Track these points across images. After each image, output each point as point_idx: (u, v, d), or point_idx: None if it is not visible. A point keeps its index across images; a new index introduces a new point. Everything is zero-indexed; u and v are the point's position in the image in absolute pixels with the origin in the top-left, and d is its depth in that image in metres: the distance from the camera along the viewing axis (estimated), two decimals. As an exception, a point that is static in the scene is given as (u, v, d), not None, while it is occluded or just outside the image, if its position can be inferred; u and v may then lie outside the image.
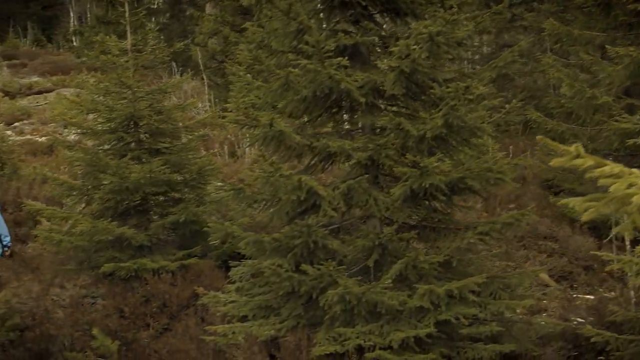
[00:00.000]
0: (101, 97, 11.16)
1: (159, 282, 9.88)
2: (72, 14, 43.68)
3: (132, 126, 10.94)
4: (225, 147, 18.20)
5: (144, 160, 10.79)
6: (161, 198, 11.08)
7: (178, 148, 10.84)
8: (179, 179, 10.66)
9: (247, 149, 18.12)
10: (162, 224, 10.49)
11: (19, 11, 46.98)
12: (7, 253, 10.46)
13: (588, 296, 10.96)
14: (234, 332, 8.14)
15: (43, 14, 47.93)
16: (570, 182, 14.67)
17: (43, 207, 10.94)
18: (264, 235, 8.16)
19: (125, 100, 10.87)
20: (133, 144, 11.08)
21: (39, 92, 28.85)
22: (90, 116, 11.88)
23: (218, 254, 10.80)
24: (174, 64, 26.44)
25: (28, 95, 28.73)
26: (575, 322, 9.44)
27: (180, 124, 11.31)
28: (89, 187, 10.93)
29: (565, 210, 13.77)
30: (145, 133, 11.06)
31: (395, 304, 7.60)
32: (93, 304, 10.30)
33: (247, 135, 8.75)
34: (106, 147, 11.13)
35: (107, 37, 11.26)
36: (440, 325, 7.60)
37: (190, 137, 11.47)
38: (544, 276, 11.50)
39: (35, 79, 31.28)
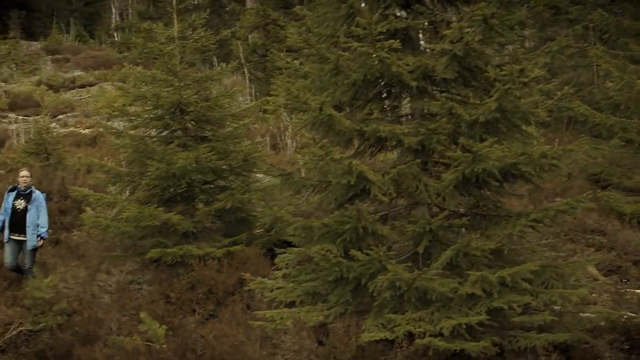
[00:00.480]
0: (147, 86, 11.17)
1: (205, 269, 9.86)
2: (113, 10, 44.25)
3: (178, 113, 10.96)
4: (267, 139, 18.19)
5: (190, 147, 10.79)
6: (206, 185, 11.07)
7: (224, 135, 10.81)
8: (224, 166, 10.62)
9: (289, 140, 18.13)
10: (209, 211, 10.48)
11: (62, 7, 47.81)
12: (40, 243, 10.68)
13: (639, 291, 10.69)
14: (282, 318, 8.10)
15: (85, 10, 48.76)
16: (618, 176, 14.42)
17: (90, 192, 11.00)
18: (313, 221, 8.11)
19: (172, 88, 10.88)
20: (179, 131, 11.09)
21: (82, 86, 29.28)
22: (133, 108, 11.92)
23: (263, 242, 10.78)
24: (214, 58, 26.52)
25: (71, 89, 29.14)
26: (625, 316, 9.21)
27: (226, 112, 11.28)
28: (135, 174, 10.97)
29: (613, 205, 13.53)
30: (191, 120, 11.06)
31: (446, 291, 7.48)
32: (139, 289, 10.31)
33: (295, 120, 8.65)
34: (152, 134, 11.16)
35: (155, 25, 11.27)
36: (491, 313, 7.45)
37: (235, 125, 11.43)
38: (593, 270, 11.25)
39: (78, 73, 31.73)
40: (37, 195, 10.74)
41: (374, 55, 7.69)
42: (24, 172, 10.88)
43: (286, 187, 8.73)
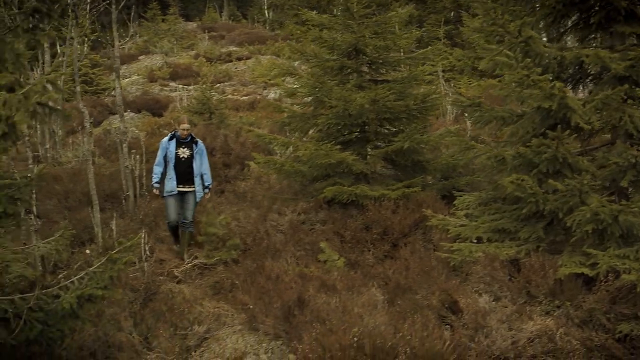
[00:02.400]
0: (324, 31, 11.00)
1: (380, 209, 9.63)
2: (266, -10, 45.16)
3: (354, 54, 10.74)
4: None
5: (365, 89, 10.55)
6: (381, 128, 10.79)
7: (401, 77, 10.47)
8: (402, 107, 10.29)
9: (448, 107, 17.70)
10: (385, 152, 10.19)
11: (216, -10, 49.35)
12: (207, 195, 10.27)
13: None
14: (470, 251, 7.74)
15: (237, -8, 50.14)
16: None
17: (264, 133, 11.02)
18: (506, 150, 7.69)
19: (349, 30, 10.67)
20: (355, 73, 10.87)
21: (238, 59, 29.90)
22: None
23: (438, 188, 10.43)
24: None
25: (227, 61, 29.83)
26: None
27: (404, 56, 10.97)
28: (309, 116, 10.87)
29: None
30: (368, 62, 10.80)
31: (656, 227, 6.87)
32: (311, 229, 10.20)
33: (486, 51, 8.17)
34: (327, 78, 10.98)
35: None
36: None
37: (411, 70, 11.06)
38: None
39: (232, 48, 32.45)
40: (200, 143, 10.16)
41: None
42: (184, 124, 9.99)
43: (475, 118, 8.34)
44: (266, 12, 41.64)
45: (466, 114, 8.37)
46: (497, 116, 8.12)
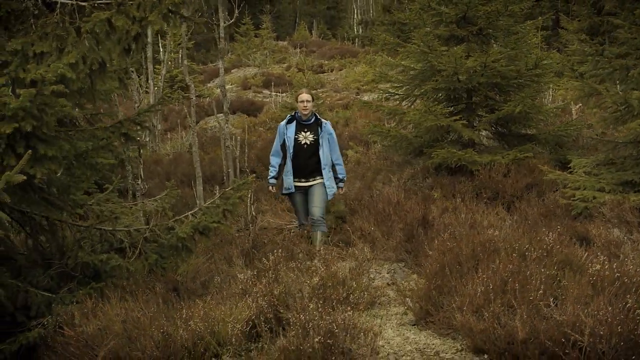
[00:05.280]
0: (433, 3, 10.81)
1: (491, 173, 9.32)
2: (355, 9, 45.59)
3: (464, 23, 10.50)
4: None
5: (474, 56, 10.28)
6: (488, 98, 10.48)
7: (512, 41, 10.13)
8: (513, 73, 9.94)
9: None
10: (496, 117, 9.84)
11: (306, 12, 50.45)
12: (341, 190, 8.29)
13: None
14: (594, 197, 7.42)
15: (327, 13, 51.13)
16: None
17: (370, 101, 10.86)
18: (634, 93, 7.36)
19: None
20: (463, 43, 10.62)
21: (330, 70, 30.17)
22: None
23: (549, 158, 10.06)
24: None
25: (318, 72, 30.11)
26: None
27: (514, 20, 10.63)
28: (415, 86, 10.70)
29: None
30: (478, 29, 10.49)
31: None
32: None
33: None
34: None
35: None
36: None
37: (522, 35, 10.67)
38: None
39: (324, 61, 32.77)
40: (327, 124, 7.96)
41: None
42: (305, 96, 7.87)
43: (595, 71, 8.03)
44: (355, 28, 42.03)
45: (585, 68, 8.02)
46: (620, 65, 7.80)
